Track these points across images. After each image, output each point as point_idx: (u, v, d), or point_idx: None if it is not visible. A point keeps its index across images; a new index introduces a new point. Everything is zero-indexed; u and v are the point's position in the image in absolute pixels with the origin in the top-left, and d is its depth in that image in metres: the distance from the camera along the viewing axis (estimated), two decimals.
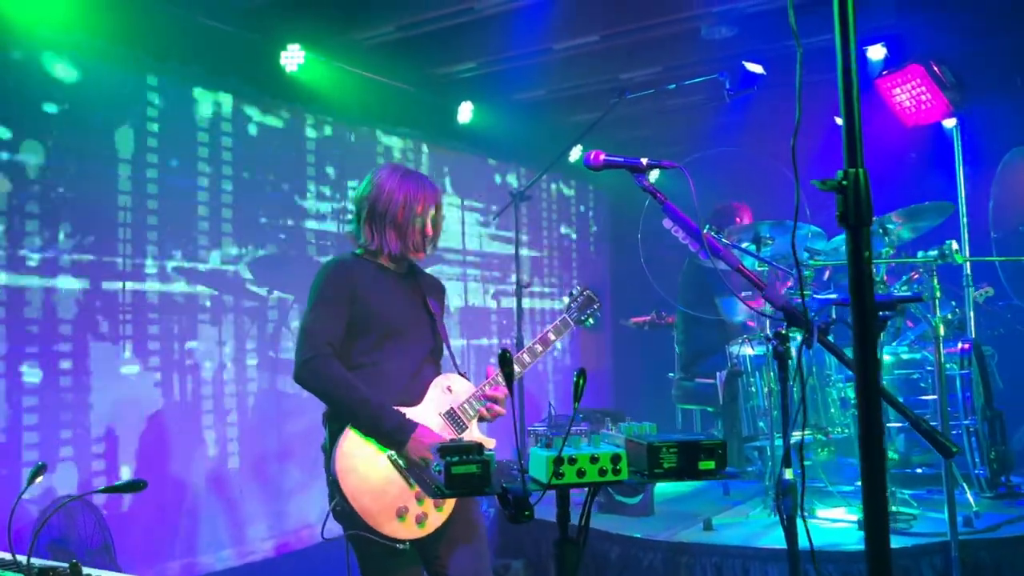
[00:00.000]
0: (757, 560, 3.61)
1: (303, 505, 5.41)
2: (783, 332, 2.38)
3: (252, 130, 5.30)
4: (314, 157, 5.70)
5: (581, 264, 8.37)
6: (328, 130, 5.81)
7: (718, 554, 3.69)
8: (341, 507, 2.50)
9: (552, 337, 2.90)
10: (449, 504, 2.61)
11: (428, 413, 2.65)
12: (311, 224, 5.63)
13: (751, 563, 3.60)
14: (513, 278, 5.11)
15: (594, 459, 1.65)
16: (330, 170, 5.81)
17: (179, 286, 4.82)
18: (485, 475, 1.61)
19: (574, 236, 8.31)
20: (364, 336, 2.66)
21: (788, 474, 2.34)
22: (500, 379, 2.73)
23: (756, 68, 5.56)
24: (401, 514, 2.51)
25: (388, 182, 2.74)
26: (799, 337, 2.24)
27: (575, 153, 6.63)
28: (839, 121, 1.43)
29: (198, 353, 4.91)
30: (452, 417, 2.70)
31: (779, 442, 4.22)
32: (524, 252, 6.53)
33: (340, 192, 5.85)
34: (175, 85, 4.86)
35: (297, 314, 5.47)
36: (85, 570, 1.79)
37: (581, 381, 1.59)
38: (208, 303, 4.96)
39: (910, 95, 5.19)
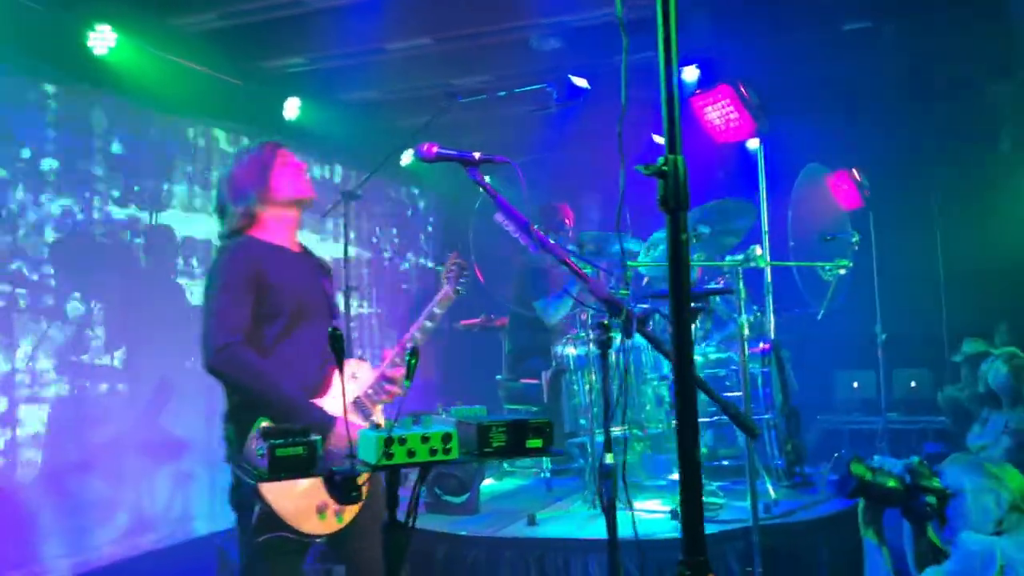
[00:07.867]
0: (578, 551, 3.71)
1: (106, 520, 5.03)
2: (605, 323, 2.48)
3: (53, 115, 4.88)
4: (123, 147, 5.33)
5: (416, 269, 8.32)
6: (140, 119, 5.45)
7: (540, 547, 3.77)
8: (264, 512, 2.33)
9: (438, 311, 2.85)
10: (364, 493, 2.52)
11: (338, 403, 2.53)
12: (115, 217, 5.26)
13: (572, 554, 3.70)
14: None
15: (425, 439, 1.65)
16: (139, 161, 5.45)
17: None
18: (311, 457, 1.57)
19: (397, 240, 8.24)
20: (272, 321, 2.55)
21: (609, 458, 2.44)
22: (398, 360, 2.71)
23: (581, 82, 5.79)
24: (321, 511, 2.42)
25: None
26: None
27: (407, 157, 6.58)
28: (657, 139, 1.53)
29: None
30: (359, 405, 2.64)
31: (601, 437, 4.38)
32: (353, 253, 6.36)
33: (151, 184, 5.51)
34: None
35: (99, 311, 5.09)
36: None
37: (413, 360, 1.59)
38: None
39: (720, 114, 5.57)
